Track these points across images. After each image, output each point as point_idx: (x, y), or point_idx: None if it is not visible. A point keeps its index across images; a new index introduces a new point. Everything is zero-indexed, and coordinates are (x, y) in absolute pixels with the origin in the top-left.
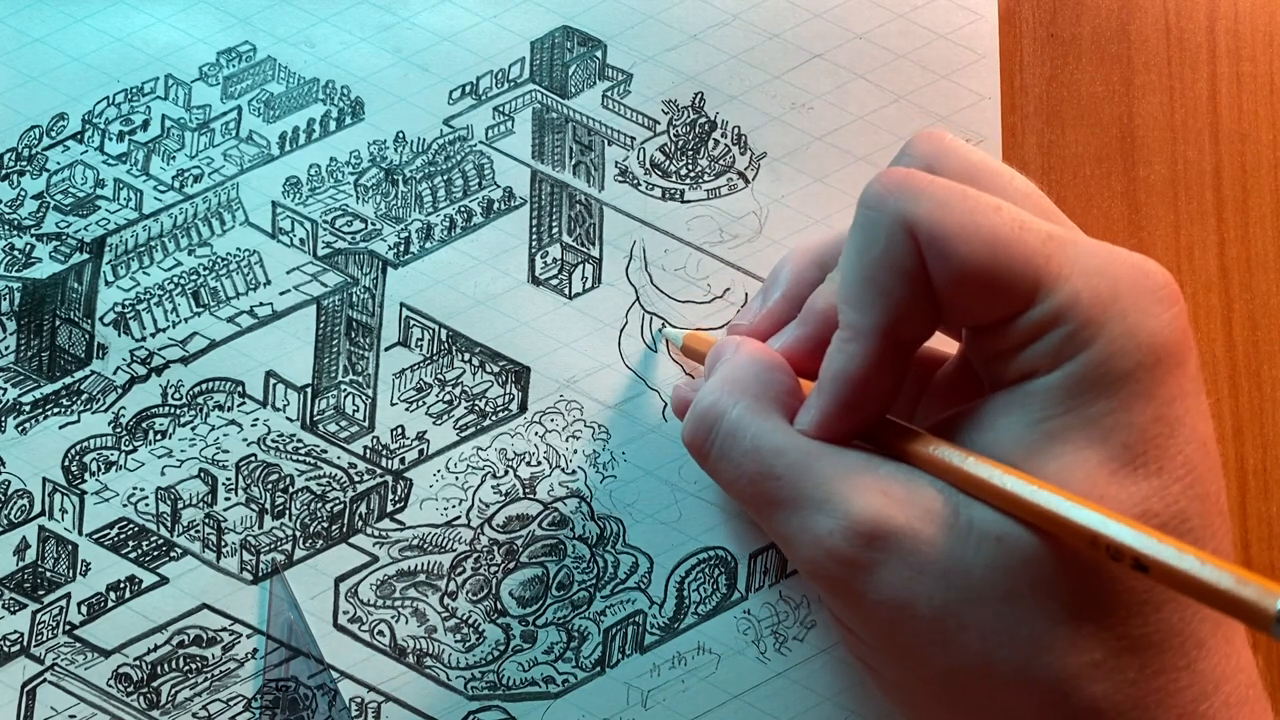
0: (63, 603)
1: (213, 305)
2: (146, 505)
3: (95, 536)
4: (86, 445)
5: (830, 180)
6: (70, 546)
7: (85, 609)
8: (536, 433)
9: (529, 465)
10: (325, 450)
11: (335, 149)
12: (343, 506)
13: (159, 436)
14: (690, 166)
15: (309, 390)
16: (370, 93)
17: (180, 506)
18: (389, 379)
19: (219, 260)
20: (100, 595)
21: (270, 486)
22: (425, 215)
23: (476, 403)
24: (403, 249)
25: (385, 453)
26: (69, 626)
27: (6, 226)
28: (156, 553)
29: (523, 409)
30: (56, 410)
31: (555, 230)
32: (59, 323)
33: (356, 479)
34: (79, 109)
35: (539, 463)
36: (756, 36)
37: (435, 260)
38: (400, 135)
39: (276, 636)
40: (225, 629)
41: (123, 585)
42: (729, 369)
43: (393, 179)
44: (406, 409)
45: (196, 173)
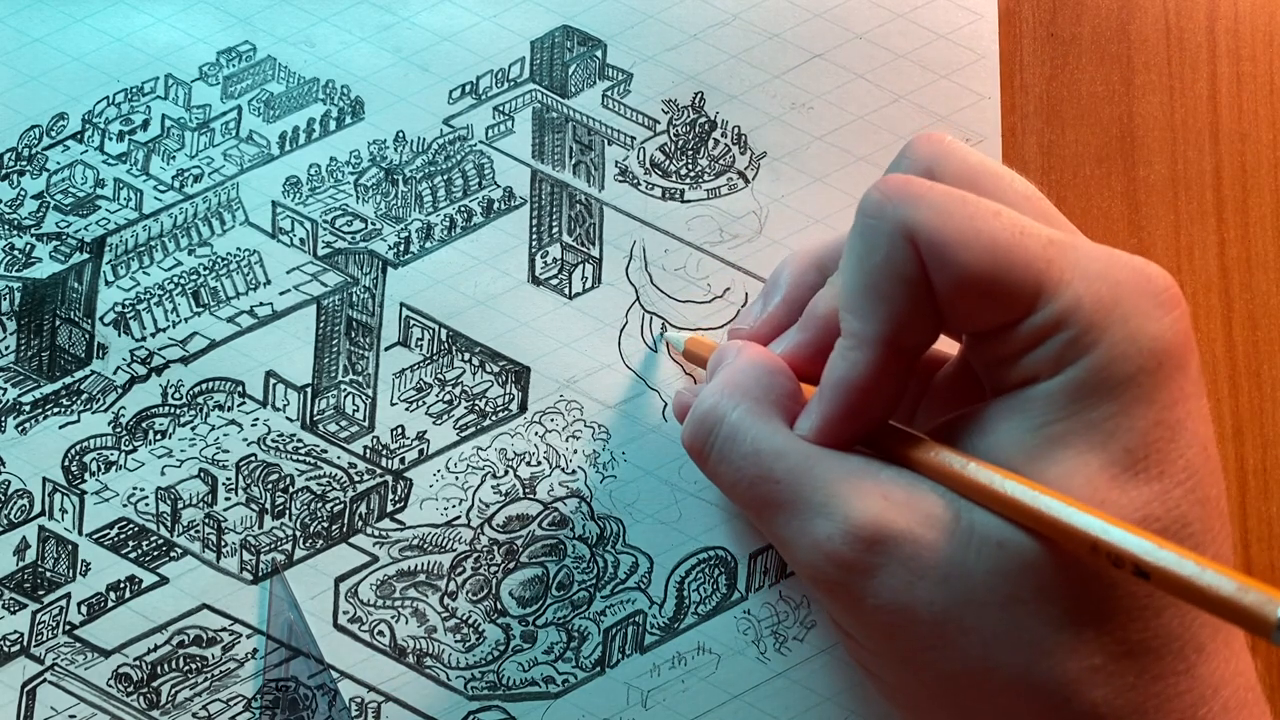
0: (63, 603)
1: (213, 305)
2: (146, 505)
3: (95, 536)
4: (86, 445)
5: (830, 180)
6: (70, 546)
7: (85, 609)
8: (536, 433)
9: (529, 465)
10: (325, 450)
11: (335, 149)
12: (343, 506)
13: (159, 436)
14: (690, 166)
15: (309, 390)
16: (370, 92)
17: (180, 506)
18: (389, 379)
19: (219, 260)
20: (100, 595)
21: (270, 486)
22: (425, 215)
23: (476, 403)
24: (403, 249)
25: (385, 453)
26: (69, 626)
27: (6, 226)
28: (156, 553)
29: (523, 409)
30: (56, 410)
31: (555, 230)
32: (59, 323)
33: (356, 479)
34: (79, 109)
35: (539, 463)
36: (756, 36)
37: (435, 260)
38: (400, 135)
39: (276, 636)
40: (225, 629)
41: (123, 585)
42: (730, 372)
43: (393, 179)
44: (406, 409)
45: (196, 172)
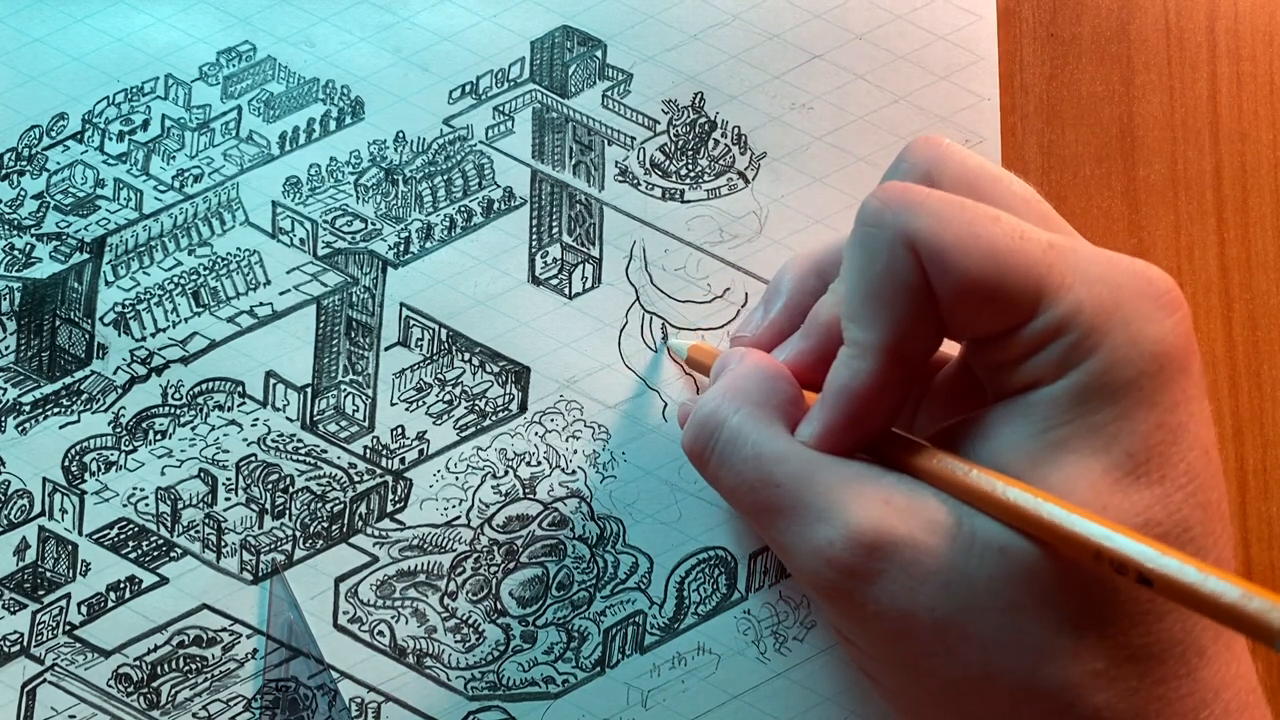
0: (63, 603)
1: (213, 305)
2: (146, 505)
3: (95, 536)
4: (86, 445)
5: (830, 180)
6: (70, 546)
7: (85, 609)
8: (536, 433)
9: (529, 465)
10: (325, 450)
11: (335, 149)
12: (343, 506)
13: (159, 436)
14: (690, 166)
15: (309, 390)
16: (370, 92)
17: (180, 506)
18: (389, 379)
19: (219, 260)
20: (100, 595)
21: (270, 486)
22: (425, 215)
23: (476, 403)
24: (403, 249)
25: (385, 453)
26: (69, 626)
27: (6, 226)
28: (156, 553)
29: (523, 409)
30: (56, 410)
31: (555, 230)
32: (59, 323)
33: (356, 479)
34: (79, 109)
35: (539, 463)
36: (756, 36)
37: (435, 260)
38: (400, 135)
39: (276, 637)
40: (225, 629)
41: (123, 585)
42: (731, 377)
43: (393, 179)
44: (406, 409)
45: (196, 172)
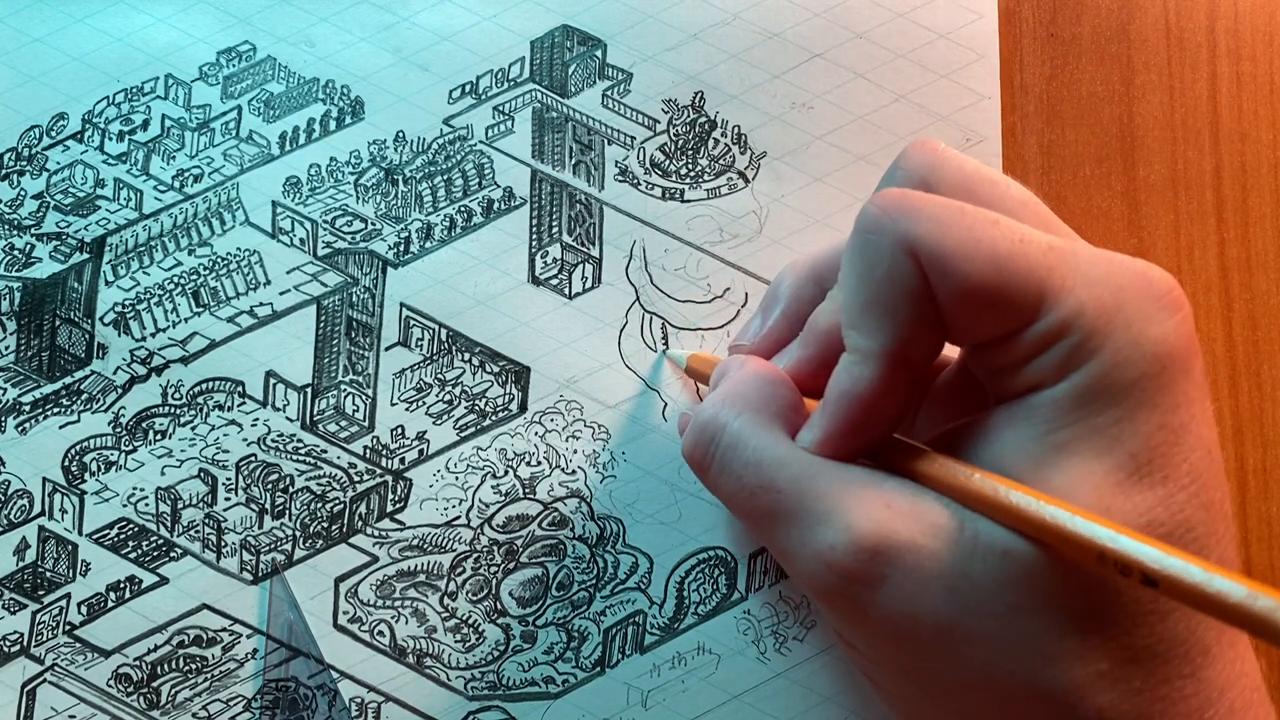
0: (63, 603)
1: (213, 305)
2: (146, 505)
3: (95, 536)
4: (86, 445)
5: (830, 180)
6: (70, 546)
7: (85, 609)
8: (536, 433)
9: (529, 465)
10: (325, 450)
11: (335, 149)
12: (343, 506)
13: (159, 436)
14: (690, 166)
15: (309, 390)
16: (370, 92)
17: (180, 506)
18: (389, 379)
19: (219, 260)
20: (100, 595)
21: (270, 486)
22: (425, 215)
23: (476, 403)
24: (403, 249)
25: (385, 453)
26: (69, 626)
27: (6, 226)
28: (156, 553)
29: (523, 409)
30: (56, 410)
31: (555, 230)
32: (59, 323)
33: (356, 479)
34: (79, 109)
35: (539, 463)
36: (756, 36)
37: (435, 260)
38: (400, 135)
39: (276, 637)
40: (225, 629)
41: (123, 585)
42: (731, 383)
43: (393, 179)
44: (406, 409)
45: (196, 172)
